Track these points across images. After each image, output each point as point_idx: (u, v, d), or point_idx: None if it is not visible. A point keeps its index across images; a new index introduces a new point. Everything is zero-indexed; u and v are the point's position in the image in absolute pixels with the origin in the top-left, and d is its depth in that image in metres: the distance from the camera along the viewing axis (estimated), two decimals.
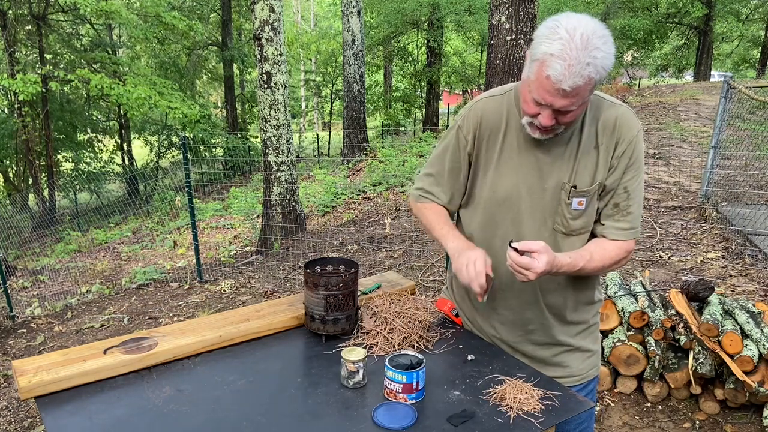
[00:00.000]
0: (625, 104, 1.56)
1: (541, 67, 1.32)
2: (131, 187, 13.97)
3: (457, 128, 1.63)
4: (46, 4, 15.58)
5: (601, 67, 1.30)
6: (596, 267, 1.53)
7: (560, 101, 1.33)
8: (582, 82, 1.29)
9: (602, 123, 1.50)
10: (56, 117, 17.31)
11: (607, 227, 1.56)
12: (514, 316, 1.66)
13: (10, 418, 3.86)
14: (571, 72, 1.28)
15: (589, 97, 1.37)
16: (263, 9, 6.60)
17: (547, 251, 1.40)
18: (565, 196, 1.51)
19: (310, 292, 1.67)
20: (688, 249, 5.06)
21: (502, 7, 4.74)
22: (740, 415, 3.07)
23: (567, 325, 1.67)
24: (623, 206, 1.53)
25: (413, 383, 1.37)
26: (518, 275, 1.42)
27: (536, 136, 1.46)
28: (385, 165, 11.10)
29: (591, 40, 1.28)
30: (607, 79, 21.39)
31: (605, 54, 1.30)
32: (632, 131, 1.49)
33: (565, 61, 1.28)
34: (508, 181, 1.55)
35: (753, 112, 6.27)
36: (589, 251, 1.53)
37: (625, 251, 1.56)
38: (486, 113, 1.57)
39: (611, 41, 1.32)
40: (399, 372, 1.36)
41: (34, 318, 5.83)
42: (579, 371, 1.71)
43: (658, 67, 28.35)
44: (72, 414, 1.34)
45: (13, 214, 12.00)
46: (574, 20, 1.30)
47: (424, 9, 18.13)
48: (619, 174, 1.51)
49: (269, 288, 5.55)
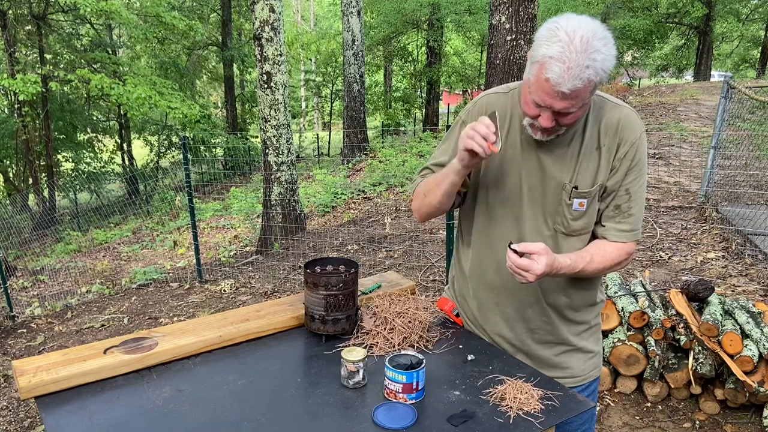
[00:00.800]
0: (629, 106, 1.56)
1: (540, 70, 1.32)
2: (131, 187, 13.98)
3: (461, 123, 1.62)
4: (46, 4, 15.58)
5: (601, 69, 1.29)
6: (596, 269, 1.53)
7: (560, 103, 1.33)
8: (581, 84, 1.29)
9: (605, 124, 1.50)
10: (56, 117, 17.32)
11: (607, 229, 1.55)
12: (515, 315, 1.66)
13: (10, 418, 3.86)
14: (570, 75, 1.27)
15: (589, 98, 1.37)
16: (263, 9, 6.61)
17: (547, 253, 1.40)
18: (566, 196, 1.51)
19: (310, 292, 1.67)
20: (688, 249, 5.06)
21: (502, 7, 4.75)
22: (740, 415, 3.07)
23: (569, 324, 1.67)
24: (624, 208, 1.53)
25: (413, 383, 1.37)
26: (517, 277, 1.42)
27: (537, 137, 1.46)
28: (385, 165, 11.11)
29: (591, 42, 1.27)
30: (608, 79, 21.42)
31: (605, 56, 1.29)
32: (635, 133, 1.49)
33: (564, 63, 1.27)
34: (510, 179, 1.55)
35: (753, 112, 6.26)
36: (590, 253, 1.53)
37: (626, 253, 1.55)
38: (490, 108, 1.56)
39: (612, 43, 1.31)
40: (399, 372, 1.36)
41: (34, 318, 5.83)
42: (581, 372, 1.71)
43: (658, 67, 28.36)
44: (72, 414, 1.34)
45: (13, 214, 12.00)
46: (575, 22, 1.29)
47: (424, 9, 18.13)
48: (620, 176, 1.51)
49: (269, 288, 5.55)
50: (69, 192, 17.36)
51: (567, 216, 1.53)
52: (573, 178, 1.50)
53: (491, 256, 1.63)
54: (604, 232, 1.56)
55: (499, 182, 1.57)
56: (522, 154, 1.54)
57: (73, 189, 17.31)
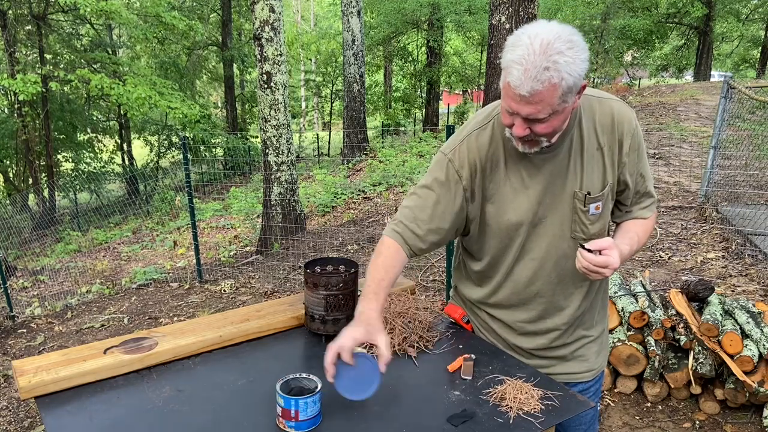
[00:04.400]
0: (614, 96, 1.55)
1: (505, 75, 1.32)
2: (131, 187, 13.98)
3: (448, 162, 1.53)
4: (46, 4, 15.58)
5: (566, 72, 1.25)
6: (642, 245, 1.61)
7: (525, 108, 1.30)
8: (541, 87, 1.25)
9: (599, 122, 1.49)
10: (56, 117, 17.31)
11: (634, 212, 1.61)
12: (535, 327, 1.65)
13: (10, 418, 3.86)
14: (527, 76, 1.24)
15: (562, 106, 1.31)
16: (263, 9, 6.61)
17: (615, 246, 1.41)
18: (580, 204, 1.49)
19: (310, 292, 1.67)
20: (688, 249, 5.06)
21: (502, 7, 4.75)
22: (740, 415, 3.07)
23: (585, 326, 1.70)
24: (642, 189, 1.59)
25: (290, 410, 1.26)
26: (593, 275, 1.42)
27: (520, 149, 1.42)
28: (385, 165, 11.11)
29: (552, 44, 1.24)
30: (608, 79, 21.41)
31: (570, 59, 1.25)
32: (631, 124, 1.51)
33: (522, 66, 1.25)
34: (520, 206, 1.51)
35: (753, 112, 6.26)
36: (635, 233, 1.58)
37: (654, 221, 1.65)
38: (481, 147, 1.51)
39: (581, 47, 1.27)
40: (280, 395, 1.27)
41: (34, 318, 5.83)
42: (596, 364, 1.73)
43: (658, 67, 28.35)
44: (72, 414, 1.34)
45: (13, 214, 12.00)
46: (539, 27, 1.28)
47: (424, 9, 18.14)
48: (633, 167, 1.54)
49: (269, 288, 5.55)
50: (69, 192, 17.36)
51: (585, 222, 1.52)
52: (583, 185, 1.49)
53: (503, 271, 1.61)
54: (633, 216, 1.62)
55: (510, 209, 1.52)
56: (527, 177, 1.50)
57: (73, 189, 17.31)
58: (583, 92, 1.37)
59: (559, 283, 1.58)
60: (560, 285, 1.58)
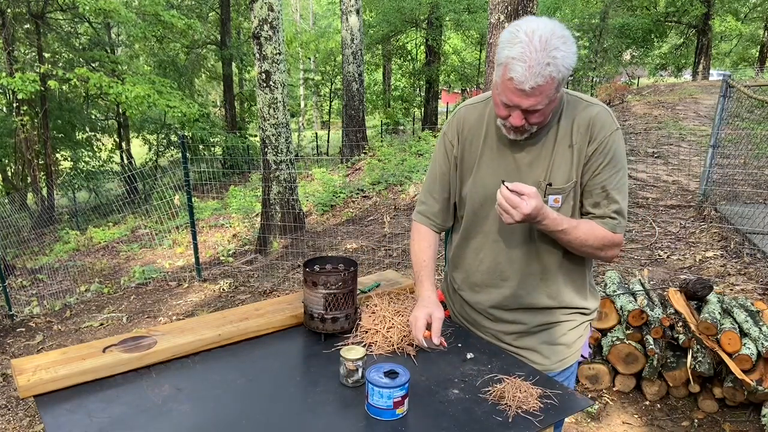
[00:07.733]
0: (603, 105, 1.58)
1: (504, 71, 1.39)
2: (130, 185, 13.96)
3: (443, 134, 1.72)
4: (45, 3, 15.54)
5: (562, 66, 1.36)
6: (580, 238, 1.52)
7: (526, 101, 1.40)
8: (543, 81, 1.35)
9: (577, 123, 1.53)
10: (55, 116, 17.27)
11: (591, 218, 1.58)
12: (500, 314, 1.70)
13: (9, 417, 3.86)
14: (531, 72, 1.34)
15: (555, 95, 1.41)
16: (262, 7, 6.60)
17: (537, 198, 1.42)
18: (541, 193, 1.53)
19: (310, 290, 1.67)
20: (687, 248, 5.07)
21: (501, 5, 4.74)
22: (739, 413, 3.07)
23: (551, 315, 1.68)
24: (603, 204, 1.55)
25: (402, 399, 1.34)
26: (504, 215, 1.44)
27: (511, 137, 1.52)
28: (384, 164, 11.09)
29: (550, 40, 1.34)
30: (607, 78, 21.40)
31: (565, 53, 1.36)
32: (605, 131, 1.51)
33: (525, 62, 1.34)
34: (488, 181, 1.61)
35: (752, 111, 6.26)
36: (577, 220, 1.55)
37: (611, 242, 1.55)
38: (468, 118, 1.66)
39: (572, 41, 1.38)
40: None
41: (33, 317, 5.82)
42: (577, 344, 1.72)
43: (657, 66, 28.32)
44: (71, 412, 1.34)
45: (12, 213, 11.97)
46: (533, 23, 1.37)
47: (423, 8, 18.13)
48: (591, 173, 1.53)
49: (268, 287, 5.55)
50: (68, 191, 17.33)
51: None
52: (547, 176, 1.54)
53: (474, 252, 1.69)
54: None
55: (479, 184, 1.62)
56: (499, 157, 1.60)
57: (72, 188, 17.28)
58: (578, 95, 1.54)
59: (520, 270, 1.62)
60: (522, 272, 1.62)
